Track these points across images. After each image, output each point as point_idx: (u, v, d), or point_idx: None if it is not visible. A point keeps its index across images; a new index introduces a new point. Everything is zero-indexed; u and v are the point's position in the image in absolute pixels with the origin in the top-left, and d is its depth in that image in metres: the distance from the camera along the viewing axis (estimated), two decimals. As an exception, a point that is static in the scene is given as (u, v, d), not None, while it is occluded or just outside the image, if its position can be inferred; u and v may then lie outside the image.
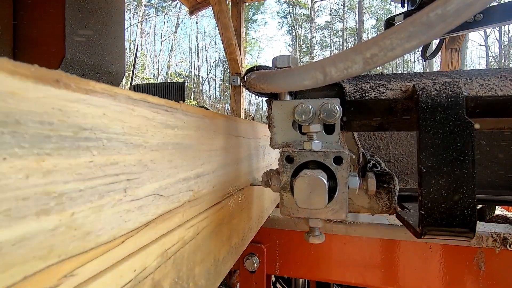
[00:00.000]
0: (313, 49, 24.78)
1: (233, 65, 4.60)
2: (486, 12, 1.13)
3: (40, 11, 1.27)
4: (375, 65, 0.42)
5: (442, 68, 4.01)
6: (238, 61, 4.55)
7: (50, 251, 0.20)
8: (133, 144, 0.28)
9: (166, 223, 0.34)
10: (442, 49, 3.94)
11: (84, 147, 0.22)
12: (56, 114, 0.20)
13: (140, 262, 0.29)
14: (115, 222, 0.26)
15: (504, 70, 0.56)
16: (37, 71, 0.19)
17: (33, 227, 0.18)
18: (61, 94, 0.20)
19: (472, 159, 0.49)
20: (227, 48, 4.43)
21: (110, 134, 0.25)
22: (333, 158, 0.52)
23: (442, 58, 4.05)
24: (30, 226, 0.18)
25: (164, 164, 0.34)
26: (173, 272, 0.36)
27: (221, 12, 4.11)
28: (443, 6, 0.37)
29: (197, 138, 0.43)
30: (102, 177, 0.24)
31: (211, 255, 0.49)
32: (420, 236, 0.53)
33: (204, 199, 0.46)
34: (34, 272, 0.19)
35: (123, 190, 0.27)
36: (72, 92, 0.21)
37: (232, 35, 4.29)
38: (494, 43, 20.17)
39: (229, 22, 4.20)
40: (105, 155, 0.25)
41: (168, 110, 0.35)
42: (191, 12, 5.10)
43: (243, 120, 0.75)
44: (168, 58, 22.84)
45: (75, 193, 0.22)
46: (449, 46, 3.94)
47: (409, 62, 22.42)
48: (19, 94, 0.17)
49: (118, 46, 1.56)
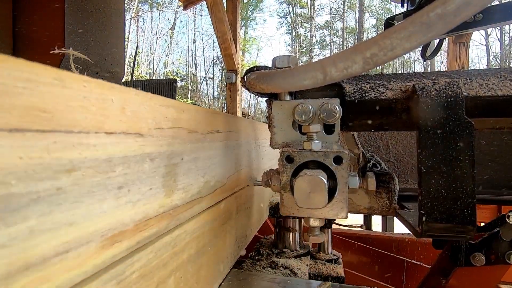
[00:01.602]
0: (313, 49, 24.76)
1: (228, 61, 4.35)
2: (485, 12, 1.12)
3: (40, 11, 1.27)
4: (375, 65, 0.42)
5: (450, 63, 3.77)
6: (234, 57, 4.32)
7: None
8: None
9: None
10: (450, 43, 3.76)
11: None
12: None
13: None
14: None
15: (504, 70, 0.56)
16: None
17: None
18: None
19: (472, 159, 0.49)
20: (221, 44, 4.19)
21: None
22: (333, 158, 0.52)
23: (450, 53, 3.83)
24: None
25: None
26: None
27: (215, 5, 3.91)
28: (443, 6, 0.37)
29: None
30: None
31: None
32: (420, 235, 0.53)
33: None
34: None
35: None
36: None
37: (227, 29, 4.08)
38: (495, 43, 20.15)
39: (224, 16, 3.99)
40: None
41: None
42: (184, 6, 4.91)
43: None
44: (165, 56, 22.75)
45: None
46: (457, 40, 3.71)
47: (409, 62, 22.41)
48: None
49: (118, 46, 1.56)
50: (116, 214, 0.29)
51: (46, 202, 0.22)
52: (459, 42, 3.74)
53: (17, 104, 0.20)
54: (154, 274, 0.36)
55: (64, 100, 0.24)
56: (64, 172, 0.23)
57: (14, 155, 0.20)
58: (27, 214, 0.21)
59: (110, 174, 0.28)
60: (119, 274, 0.30)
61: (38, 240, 0.21)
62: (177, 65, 23.65)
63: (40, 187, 0.21)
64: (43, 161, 0.22)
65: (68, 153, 0.24)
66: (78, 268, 0.25)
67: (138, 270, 0.33)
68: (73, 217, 0.24)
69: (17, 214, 0.20)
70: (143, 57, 21.00)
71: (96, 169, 0.27)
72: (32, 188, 0.21)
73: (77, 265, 0.25)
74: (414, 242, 1.50)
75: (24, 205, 0.20)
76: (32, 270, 0.21)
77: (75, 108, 0.25)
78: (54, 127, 0.23)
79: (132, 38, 20.88)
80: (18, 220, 0.20)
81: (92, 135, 0.26)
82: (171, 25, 23.25)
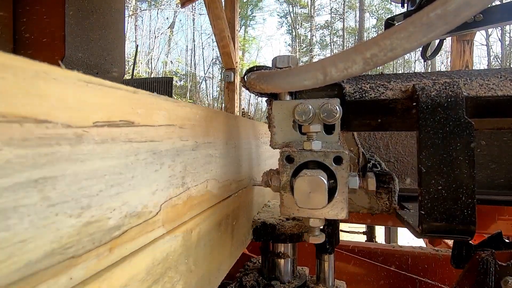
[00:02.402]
0: (313, 48, 24.73)
1: (226, 59, 4.23)
2: (486, 12, 1.13)
3: (40, 11, 1.27)
4: (375, 65, 0.42)
5: (453, 61, 3.63)
6: (232, 56, 4.19)
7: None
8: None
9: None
10: (453, 42, 3.65)
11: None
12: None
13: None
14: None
15: (504, 70, 0.56)
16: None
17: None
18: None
19: (472, 159, 0.49)
20: (219, 41, 4.06)
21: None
22: (333, 158, 0.52)
23: (453, 51, 3.69)
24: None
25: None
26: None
27: (212, 2, 3.80)
28: (443, 6, 0.37)
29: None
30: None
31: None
32: (420, 236, 0.53)
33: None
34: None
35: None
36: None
37: (225, 27, 3.96)
38: (496, 43, 20.11)
39: (222, 13, 3.87)
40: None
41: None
42: (182, 3, 4.81)
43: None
44: (163, 55, 22.65)
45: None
46: (461, 38, 3.55)
47: (409, 61, 22.38)
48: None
49: (118, 46, 1.56)
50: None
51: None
52: (463, 40, 3.57)
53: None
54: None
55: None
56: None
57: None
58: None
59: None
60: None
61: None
62: (176, 65, 23.56)
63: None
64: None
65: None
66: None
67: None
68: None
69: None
70: (141, 56, 20.92)
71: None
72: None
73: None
74: (427, 257, 1.27)
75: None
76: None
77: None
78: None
79: (129, 37, 20.78)
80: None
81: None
82: (170, 23, 23.16)
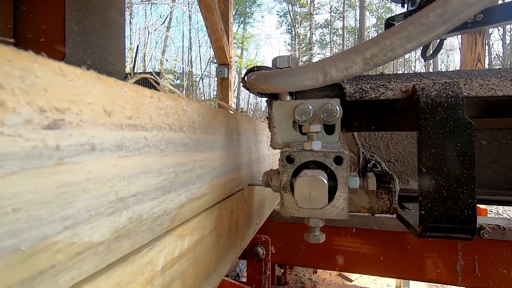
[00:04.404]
0: (312, 47, 24.66)
1: (219, 54, 3.89)
2: (486, 12, 1.12)
3: (40, 11, 1.27)
4: (375, 65, 0.42)
5: (464, 54, 3.38)
6: (225, 50, 3.87)
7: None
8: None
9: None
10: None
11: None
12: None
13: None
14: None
15: (504, 70, 0.56)
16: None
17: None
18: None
19: (472, 159, 0.49)
20: (212, 35, 3.70)
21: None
22: (333, 158, 0.52)
23: (464, 43, 3.44)
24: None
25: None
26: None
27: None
28: (443, 6, 0.37)
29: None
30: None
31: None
32: (420, 236, 0.53)
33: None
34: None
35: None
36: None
37: (218, 19, 3.61)
38: (496, 42, 20.06)
39: (214, 4, 3.50)
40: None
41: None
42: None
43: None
44: (159, 53, 22.38)
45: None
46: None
47: (409, 61, 22.34)
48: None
49: (118, 46, 1.56)
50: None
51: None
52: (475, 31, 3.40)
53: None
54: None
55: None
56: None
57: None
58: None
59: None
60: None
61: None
62: (172, 63, 23.28)
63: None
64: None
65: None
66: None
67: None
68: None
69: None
70: (137, 54, 20.65)
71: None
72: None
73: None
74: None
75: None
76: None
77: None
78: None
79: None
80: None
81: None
82: (164, 19, 22.88)
